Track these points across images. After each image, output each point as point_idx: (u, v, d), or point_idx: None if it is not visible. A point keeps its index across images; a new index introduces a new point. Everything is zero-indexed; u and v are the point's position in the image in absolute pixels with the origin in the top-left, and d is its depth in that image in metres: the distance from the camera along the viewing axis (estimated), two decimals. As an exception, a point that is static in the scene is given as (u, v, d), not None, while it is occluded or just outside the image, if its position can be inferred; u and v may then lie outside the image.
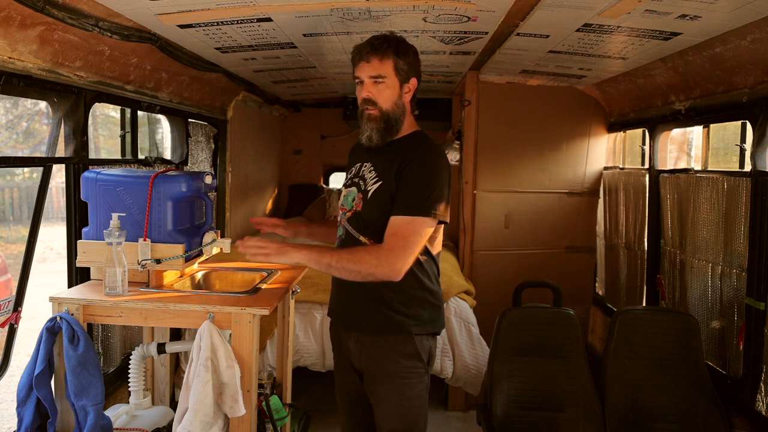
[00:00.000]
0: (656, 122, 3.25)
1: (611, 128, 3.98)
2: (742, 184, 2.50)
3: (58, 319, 1.93)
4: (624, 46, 2.58)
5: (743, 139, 2.67)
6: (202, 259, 2.44)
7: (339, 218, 1.99)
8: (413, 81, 1.91)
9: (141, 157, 3.03)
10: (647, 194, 3.41)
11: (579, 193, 4.05)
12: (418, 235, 1.78)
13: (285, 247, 1.81)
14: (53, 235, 7.30)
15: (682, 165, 3.48)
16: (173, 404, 2.66)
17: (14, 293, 2.16)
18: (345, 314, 1.98)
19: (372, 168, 1.92)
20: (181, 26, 2.28)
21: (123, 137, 2.96)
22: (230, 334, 2.00)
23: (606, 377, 2.56)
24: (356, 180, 1.95)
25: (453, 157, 4.14)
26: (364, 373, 1.94)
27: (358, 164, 1.98)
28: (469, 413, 3.57)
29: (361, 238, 1.89)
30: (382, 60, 1.84)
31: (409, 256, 1.76)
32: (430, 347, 1.95)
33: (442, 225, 1.89)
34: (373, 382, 1.92)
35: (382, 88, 1.86)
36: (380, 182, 1.87)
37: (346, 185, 2.00)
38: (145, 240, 2.16)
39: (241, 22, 2.30)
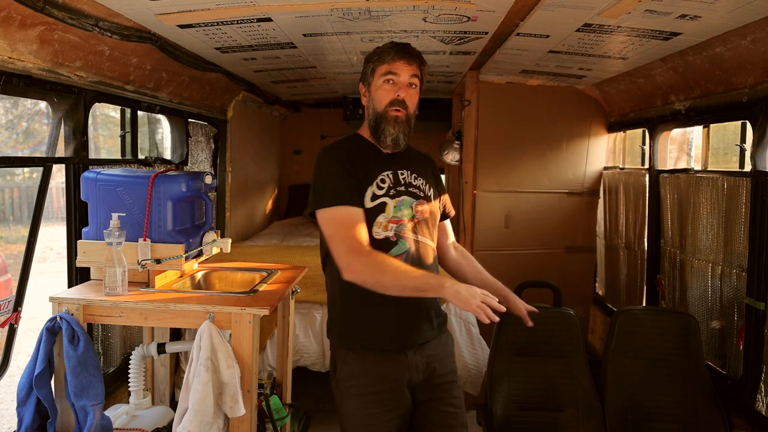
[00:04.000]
0: (656, 122, 3.25)
1: (611, 128, 3.98)
2: (742, 184, 2.50)
3: (58, 319, 1.93)
4: (624, 46, 2.58)
5: (743, 139, 2.67)
6: (202, 259, 2.44)
7: (391, 233, 1.81)
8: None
9: (141, 157, 3.03)
10: (647, 194, 3.41)
11: (579, 193, 4.05)
12: None
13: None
14: (53, 235, 7.30)
15: (682, 165, 3.48)
16: (173, 404, 2.66)
17: (14, 293, 2.16)
18: (392, 333, 1.82)
19: (414, 175, 1.90)
20: (181, 26, 2.28)
21: (123, 137, 2.96)
22: (230, 334, 2.00)
23: (606, 377, 2.56)
24: (402, 188, 1.85)
25: (453, 157, 4.14)
26: (432, 377, 1.86)
27: (389, 172, 1.85)
28: (469, 413, 3.55)
29: (432, 243, 1.92)
30: (419, 66, 1.86)
31: None
32: None
33: None
34: (443, 383, 1.88)
35: (412, 93, 1.85)
36: (431, 188, 1.95)
37: (390, 195, 1.82)
38: (145, 240, 2.16)
39: (241, 22, 2.30)
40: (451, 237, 2.09)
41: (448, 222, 2.07)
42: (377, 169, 1.84)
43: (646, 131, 3.43)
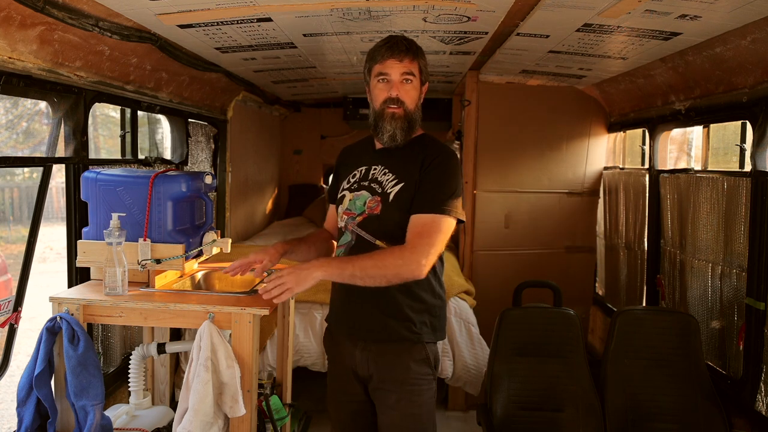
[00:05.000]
0: (656, 122, 3.25)
1: (611, 128, 3.98)
2: (742, 184, 2.50)
3: (58, 319, 1.93)
4: (624, 46, 2.58)
5: (743, 139, 2.67)
6: (202, 259, 2.44)
7: (343, 224, 1.91)
8: (426, 84, 1.93)
9: (141, 157, 3.03)
10: (647, 194, 3.41)
11: (579, 193, 4.05)
12: (442, 234, 1.77)
13: (301, 273, 1.70)
14: (53, 235, 7.30)
15: (682, 165, 3.48)
16: (173, 404, 2.66)
17: (14, 293, 2.16)
18: (351, 322, 1.90)
19: (386, 170, 1.88)
20: (181, 26, 2.28)
21: (123, 137, 2.96)
22: (230, 334, 2.00)
23: (606, 377, 2.56)
24: (365, 183, 1.89)
25: (453, 157, 4.13)
26: (372, 379, 1.88)
27: (363, 168, 1.93)
28: (469, 413, 3.57)
29: (378, 242, 1.83)
30: (412, 60, 1.84)
31: (433, 254, 1.74)
32: (436, 353, 1.93)
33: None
34: (381, 389, 1.87)
35: (409, 89, 1.85)
36: (401, 184, 1.83)
37: (351, 189, 1.92)
38: (145, 240, 2.16)
39: (241, 22, 2.30)
40: (412, 235, 1.75)
41: (415, 218, 1.77)
42: (356, 166, 1.96)
43: (646, 131, 3.43)
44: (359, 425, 1.97)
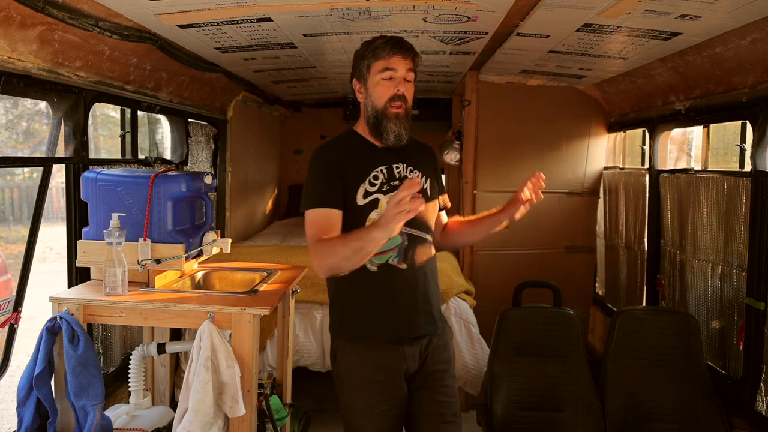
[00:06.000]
0: (656, 122, 3.25)
1: (611, 128, 3.97)
2: (742, 184, 2.50)
3: (58, 319, 1.93)
4: (624, 46, 2.58)
5: (743, 139, 2.67)
6: (202, 259, 2.44)
7: None
8: None
9: (141, 157, 3.03)
10: (647, 194, 3.41)
11: (579, 193, 4.05)
12: None
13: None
14: (53, 235, 7.29)
15: (682, 165, 3.48)
16: (173, 404, 2.66)
17: (14, 293, 2.16)
18: (396, 324, 1.87)
19: (411, 167, 1.91)
20: (181, 26, 2.28)
21: (123, 137, 2.96)
22: (230, 334, 2.00)
23: (606, 377, 2.56)
24: (396, 183, 1.85)
25: (453, 157, 4.14)
26: (425, 365, 1.91)
27: (383, 167, 1.87)
28: (469, 413, 3.56)
29: (428, 237, 1.93)
30: (413, 59, 1.85)
31: None
32: None
33: None
34: (435, 371, 1.92)
35: (409, 87, 1.87)
36: (429, 180, 1.96)
37: (383, 191, 1.84)
38: (145, 240, 2.16)
39: (241, 22, 2.30)
40: (445, 219, 2.14)
41: (443, 213, 2.10)
42: (370, 166, 1.86)
43: (646, 131, 3.43)
44: (398, 427, 1.94)
